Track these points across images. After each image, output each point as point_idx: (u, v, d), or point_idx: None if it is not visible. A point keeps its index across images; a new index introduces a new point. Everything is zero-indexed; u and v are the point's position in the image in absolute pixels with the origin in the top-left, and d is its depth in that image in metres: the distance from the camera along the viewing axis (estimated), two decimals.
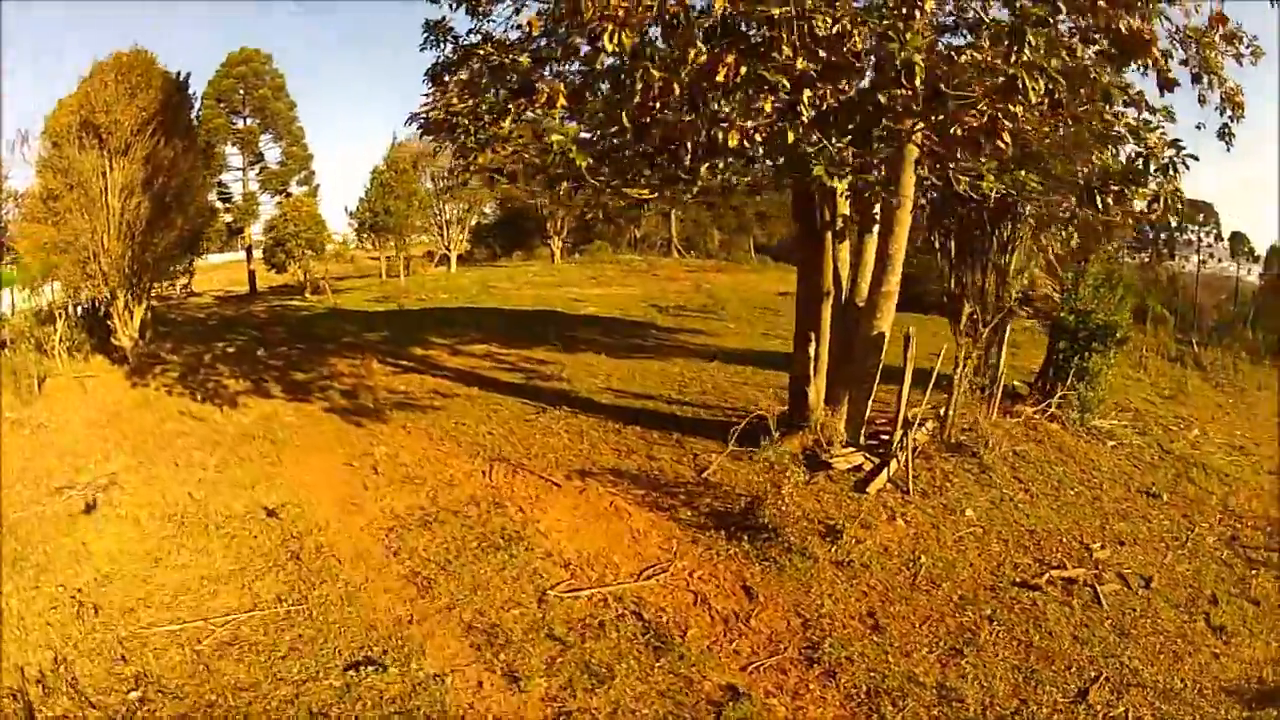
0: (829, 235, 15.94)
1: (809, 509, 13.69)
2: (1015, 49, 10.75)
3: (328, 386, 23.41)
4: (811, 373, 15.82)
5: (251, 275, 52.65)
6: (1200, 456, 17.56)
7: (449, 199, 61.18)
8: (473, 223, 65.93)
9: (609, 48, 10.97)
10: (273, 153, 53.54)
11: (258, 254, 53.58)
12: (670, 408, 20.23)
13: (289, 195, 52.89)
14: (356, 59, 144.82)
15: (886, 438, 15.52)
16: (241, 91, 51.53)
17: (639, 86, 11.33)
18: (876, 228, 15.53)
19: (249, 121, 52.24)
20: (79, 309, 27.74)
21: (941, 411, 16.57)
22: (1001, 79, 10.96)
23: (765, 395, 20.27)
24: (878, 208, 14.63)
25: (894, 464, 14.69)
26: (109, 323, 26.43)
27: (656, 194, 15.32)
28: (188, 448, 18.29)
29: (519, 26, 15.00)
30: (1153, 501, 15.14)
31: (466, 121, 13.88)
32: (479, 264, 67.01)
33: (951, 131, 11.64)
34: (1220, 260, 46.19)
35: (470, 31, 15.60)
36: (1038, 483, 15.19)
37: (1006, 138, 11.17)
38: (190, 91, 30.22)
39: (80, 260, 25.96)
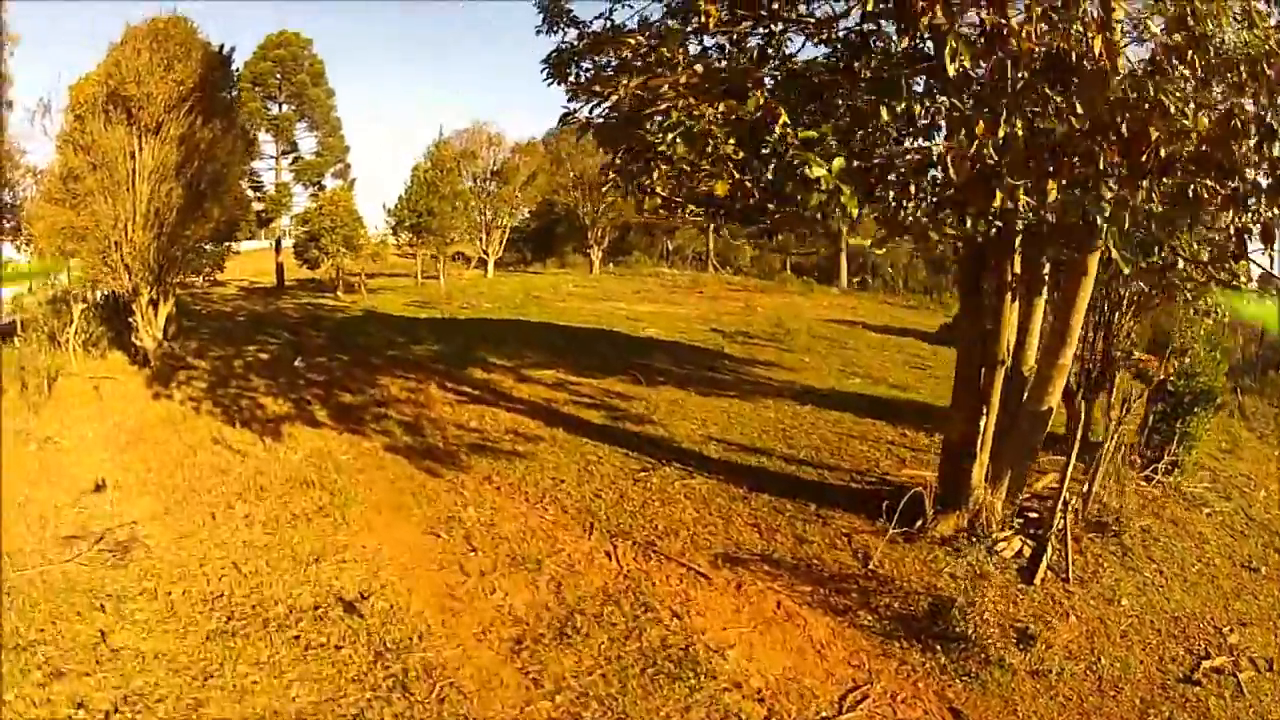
0: (1007, 297, 14.13)
1: (991, 608, 11.91)
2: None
3: (383, 415, 20.51)
4: (978, 448, 14.00)
5: (279, 268, 49.65)
6: (1275, 522, 16.48)
7: (494, 201, 58.43)
8: (512, 226, 63.04)
9: (950, 69, 8.42)
10: (307, 142, 50.83)
11: (286, 244, 50.74)
12: (790, 468, 17.62)
13: (323, 188, 49.82)
14: (382, 44, 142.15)
15: (1035, 515, 14.28)
16: (278, 76, 48.99)
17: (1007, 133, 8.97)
18: (1044, 290, 14.41)
19: (284, 108, 49.29)
20: (99, 295, 25.14)
21: (1085, 487, 15.00)
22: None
23: (881, 453, 18.79)
24: (1046, 268, 13.87)
25: (1050, 548, 13.10)
26: (129, 319, 23.52)
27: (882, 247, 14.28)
28: (227, 494, 15.35)
29: (675, 12, 12.85)
30: (1253, 575, 14.11)
31: (717, 130, 10.56)
32: (512, 269, 64.63)
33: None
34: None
35: (602, 16, 13.51)
36: (1166, 562, 13.97)
37: None
38: (233, 67, 27.15)
39: (100, 249, 23.02)
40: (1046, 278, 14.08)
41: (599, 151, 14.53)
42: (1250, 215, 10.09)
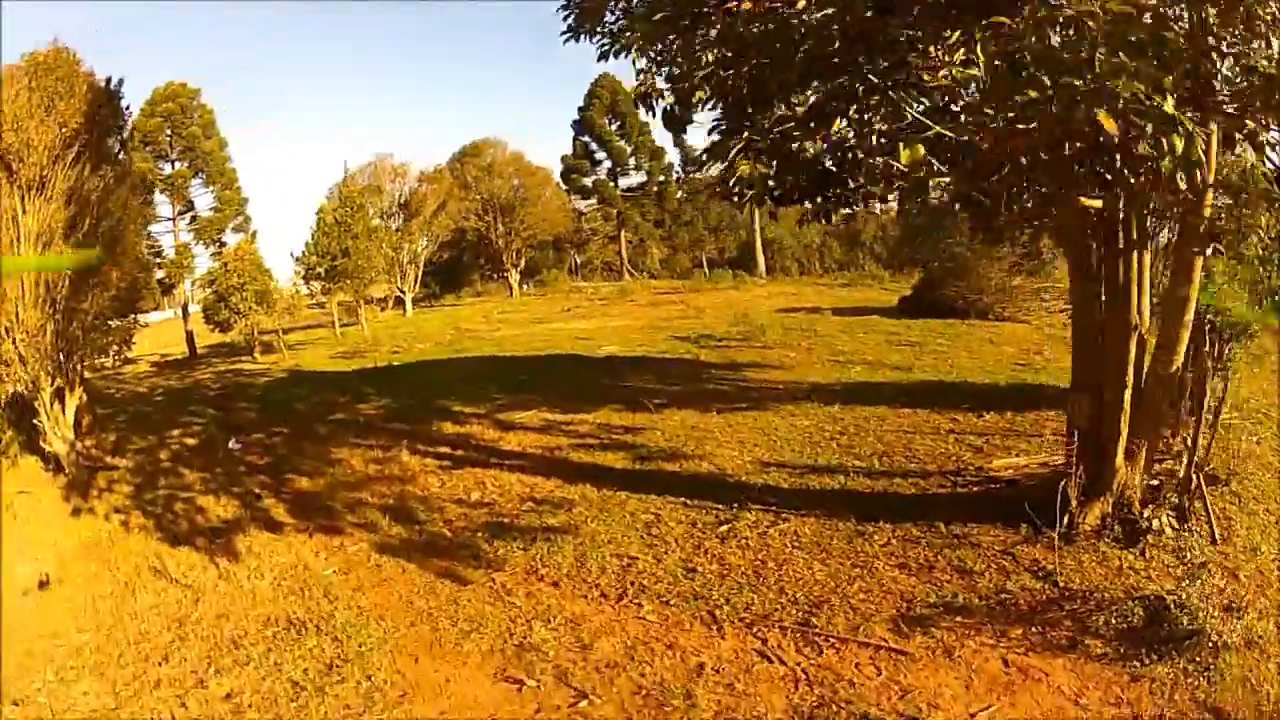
0: (1134, 257, 12.34)
1: (1195, 592, 9.90)
2: None
3: (358, 502, 15.80)
4: (1123, 426, 12.08)
5: (190, 336, 44.80)
6: None
7: (406, 235, 53.73)
8: (425, 259, 58.27)
9: None
10: (203, 199, 46.18)
11: (194, 309, 46.03)
12: (878, 484, 14.47)
13: (224, 245, 44.98)
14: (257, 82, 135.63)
15: (1155, 482, 12.59)
16: (169, 132, 44.57)
17: None
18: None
19: (178, 165, 44.24)
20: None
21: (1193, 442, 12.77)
22: None
23: (951, 445, 16.09)
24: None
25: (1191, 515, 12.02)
26: (35, 420, 18.54)
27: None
28: (190, 659, 10.63)
29: None
30: None
31: None
32: (428, 305, 60.08)
33: None
34: None
35: None
36: (1264, 500, 12.83)
37: None
38: (124, 104, 22.25)
39: None
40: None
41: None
42: None
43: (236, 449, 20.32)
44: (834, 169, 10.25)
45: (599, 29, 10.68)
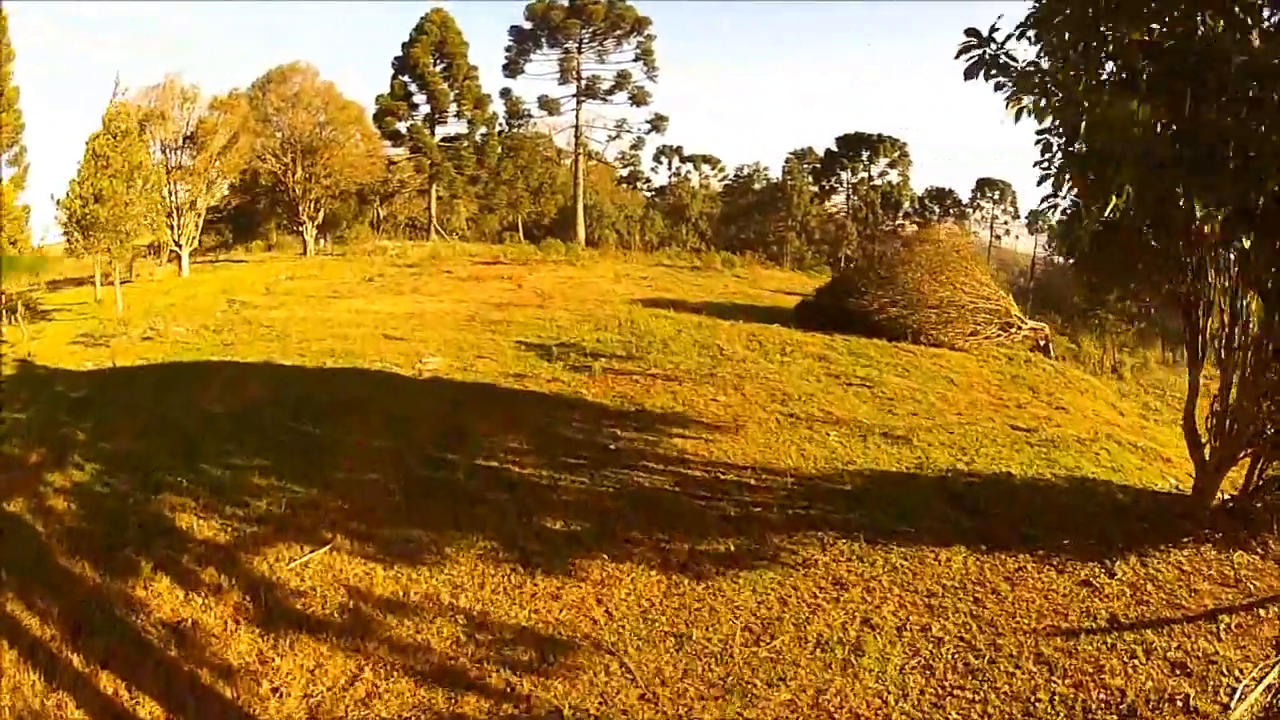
0: None
1: None
2: None
3: None
4: None
5: None
6: None
7: (187, 174, 41.11)
8: (210, 206, 45.19)
9: None
10: None
11: None
12: None
13: None
14: None
15: None
16: None
17: None
18: None
19: None
20: None
21: None
22: None
23: (1145, 665, 8.08)
24: None
25: None
26: None
27: None
28: None
29: None
30: None
31: None
32: (211, 260, 48.50)
33: None
34: None
35: None
36: None
37: None
38: None
39: None
40: None
41: None
42: None
43: None
44: None
45: None
